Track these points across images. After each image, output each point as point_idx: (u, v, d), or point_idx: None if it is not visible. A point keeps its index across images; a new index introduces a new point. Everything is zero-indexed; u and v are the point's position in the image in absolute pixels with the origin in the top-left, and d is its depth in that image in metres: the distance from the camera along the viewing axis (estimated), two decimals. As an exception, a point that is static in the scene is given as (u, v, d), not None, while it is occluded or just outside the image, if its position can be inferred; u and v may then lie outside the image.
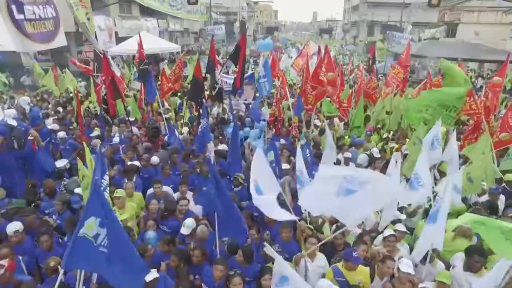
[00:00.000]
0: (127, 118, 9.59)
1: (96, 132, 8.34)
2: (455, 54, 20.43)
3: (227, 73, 12.27)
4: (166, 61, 23.20)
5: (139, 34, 11.34)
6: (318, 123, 9.32)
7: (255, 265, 4.13)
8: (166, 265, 4.19)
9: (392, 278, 3.94)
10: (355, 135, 8.64)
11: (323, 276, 4.07)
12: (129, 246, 3.09)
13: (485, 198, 5.75)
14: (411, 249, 4.51)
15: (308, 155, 5.97)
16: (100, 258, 2.94)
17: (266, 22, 77.11)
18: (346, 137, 8.85)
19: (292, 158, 6.70)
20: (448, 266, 4.15)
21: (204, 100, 8.64)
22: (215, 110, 10.85)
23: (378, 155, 7.15)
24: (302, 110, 8.83)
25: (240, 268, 3.98)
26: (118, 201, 5.02)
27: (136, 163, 6.52)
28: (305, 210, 4.81)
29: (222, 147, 7.71)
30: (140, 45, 9.99)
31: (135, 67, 12.61)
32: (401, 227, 4.59)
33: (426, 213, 4.87)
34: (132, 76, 14.42)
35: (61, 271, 3.09)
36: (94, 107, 11.06)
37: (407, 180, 5.35)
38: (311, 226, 4.77)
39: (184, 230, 4.54)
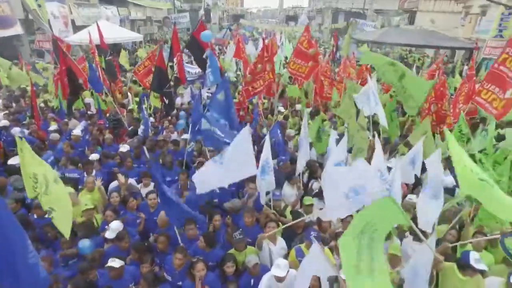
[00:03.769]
0: (88, 112, 9.31)
1: (54, 126, 8.00)
2: (412, 41, 21.29)
3: (191, 62, 12.06)
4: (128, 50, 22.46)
5: (97, 24, 10.92)
6: (282, 109, 9.51)
7: (217, 250, 4.24)
8: (130, 259, 4.20)
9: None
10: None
11: (286, 257, 4.26)
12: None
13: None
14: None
15: (279, 133, 6.15)
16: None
17: (232, 9, 75.88)
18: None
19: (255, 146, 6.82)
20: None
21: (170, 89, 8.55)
22: (179, 100, 10.71)
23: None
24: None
25: (202, 254, 4.08)
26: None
27: (95, 156, 6.38)
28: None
29: (175, 136, 7.84)
30: (100, 35, 9.62)
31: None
32: None
33: None
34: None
35: None
36: (53, 98, 10.56)
37: None
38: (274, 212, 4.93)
39: (108, 234, 4.28)
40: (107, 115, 9.27)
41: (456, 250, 4.27)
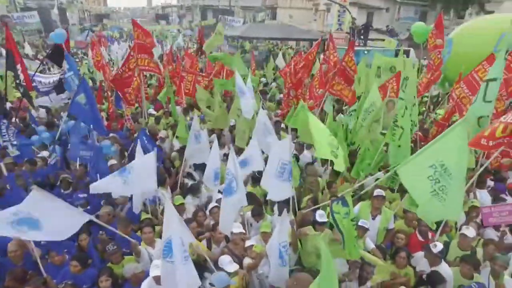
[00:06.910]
0: None
1: None
2: (275, 34, 23.35)
3: (42, 71, 10.60)
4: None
5: None
6: (153, 111, 9.26)
7: (91, 270, 3.95)
8: None
9: (228, 243, 4.43)
10: None
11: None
12: None
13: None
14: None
15: (146, 142, 5.97)
16: None
17: (93, 8, 68.79)
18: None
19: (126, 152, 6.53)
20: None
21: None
22: (34, 113, 9.29)
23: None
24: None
25: (73, 278, 3.75)
26: None
27: None
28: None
29: (45, 153, 6.89)
30: None
31: None
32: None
33: None
34: None
35: None
36: None
37: None
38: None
39: None
40: None
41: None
